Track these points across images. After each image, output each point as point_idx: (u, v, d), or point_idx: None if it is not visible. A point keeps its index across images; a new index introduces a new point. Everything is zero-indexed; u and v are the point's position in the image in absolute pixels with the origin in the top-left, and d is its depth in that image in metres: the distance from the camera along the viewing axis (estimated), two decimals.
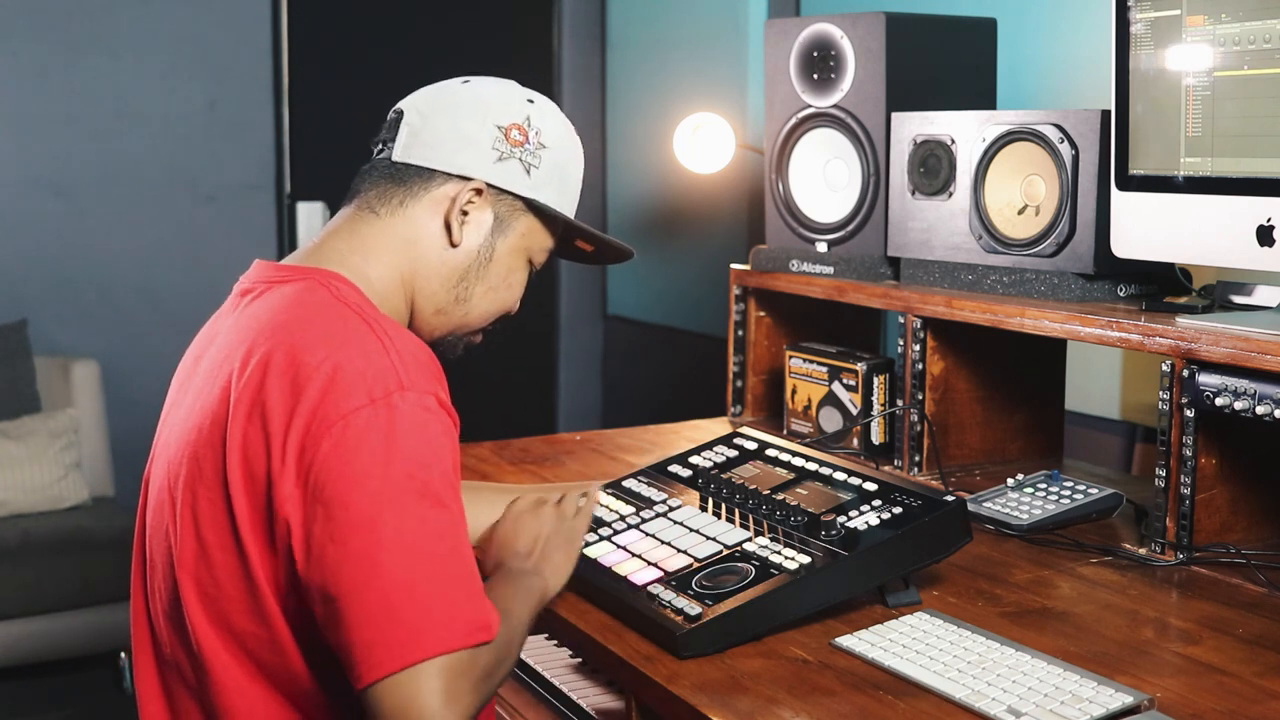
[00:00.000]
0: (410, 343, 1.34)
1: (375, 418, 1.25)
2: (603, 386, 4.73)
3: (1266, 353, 1.65)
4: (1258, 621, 1.59)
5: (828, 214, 2.47)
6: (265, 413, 1.28)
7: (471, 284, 1.50)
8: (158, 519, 1.40)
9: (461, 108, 1.47)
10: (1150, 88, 1.84)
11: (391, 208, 1.46)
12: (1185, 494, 1.79)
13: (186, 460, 1.35)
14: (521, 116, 1.48)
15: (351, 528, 1.24)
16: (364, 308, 1.37)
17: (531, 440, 2.52)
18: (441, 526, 1.26)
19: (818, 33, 2.41)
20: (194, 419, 1.36)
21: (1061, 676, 1.38)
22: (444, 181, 1.46)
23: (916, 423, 2.22)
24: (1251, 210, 1.74)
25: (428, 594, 1.23)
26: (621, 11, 4.40)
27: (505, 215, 1.49)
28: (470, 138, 1.46)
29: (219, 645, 1.33)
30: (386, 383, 1.27)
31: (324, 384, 1.27)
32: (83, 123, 4.17)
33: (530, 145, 1.48)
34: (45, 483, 3.83)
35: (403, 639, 1.22)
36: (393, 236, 1.45)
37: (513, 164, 1.47)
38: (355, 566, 1.23)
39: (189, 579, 1.33)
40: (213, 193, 4.33)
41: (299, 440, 1.25)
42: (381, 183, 1.47)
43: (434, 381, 1.32)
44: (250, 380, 1.30)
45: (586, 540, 1.71)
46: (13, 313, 4.10)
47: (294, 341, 1.30)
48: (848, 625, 1.55)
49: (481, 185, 1.46)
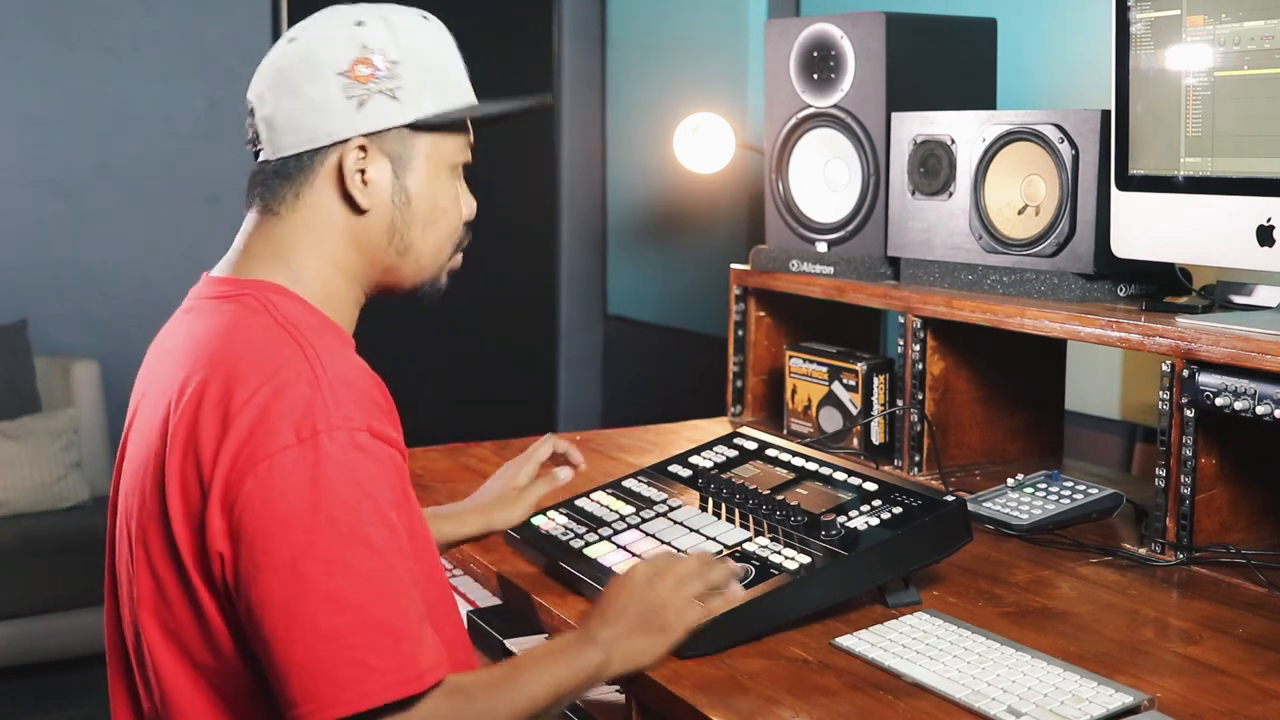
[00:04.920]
0: (346, 370, 1.27)
1: (301, 459, 1.20)
2: (603, 386, 4.73)
3: (1266, 353, 1.65)
4: (1258, 621, 1.59)
5: (828, 214, 2.47)
6: (198, 446, 1.24)
7: (404, 232, 1.39)
8: (121, 548, 1.37)
9: (297, 74, 1.34)
10: (1150, 88, 1.84)
11: (290, 204, 1.37)
12: (1185, 494, 1.79)
13: (136, 495, 1.31)
14: (357, 48, 1.34)
15: (273, 572, 1.19)
16: (302, 328, 1.30)
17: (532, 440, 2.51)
18: (369, 570, 1.21)
19: (818, 33, 2.41)
20: (141, 449, 1.32)
21: (1061, 676, 1.38)
22: (324, 156, 1.35)
23: (916, 423, 2.22)
24: (1251, 210, 1.74)
25: (349, 645, 1.18)
26: (621, 11, 4.40)
27: (399, 152, 1.37)
28: (320, 101, 1.34)
29: (184, 681, 1.29)
30: (314, 420, 1.21)
31: (253, 420, 1.22)
32: (83, 123, 4.17)
33: (382, 72, 1.34)
34: (45, 483, 3.83)
35: (321, 693, 1.17)
36: (305, 231, 1.37)
37: (376, 100, 1.34)
38: (277, 614, 1.19)
39: (148, 614, 1.30)
40: (213, 193, 4.33)
41: (224, 475, 1.21)
42: (269, 182, 1.38)
43: (370, 413, 1.26)
44: (185, 412, 1.26)
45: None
46: (13, 313, 4.10)
47: (227, 371, 1.25)
48: (848, 625, 1.55)
49: (360, 140, 1.35)
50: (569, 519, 1.82)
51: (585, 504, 1.87)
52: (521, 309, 4.67)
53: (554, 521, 1.82)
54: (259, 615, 1.20)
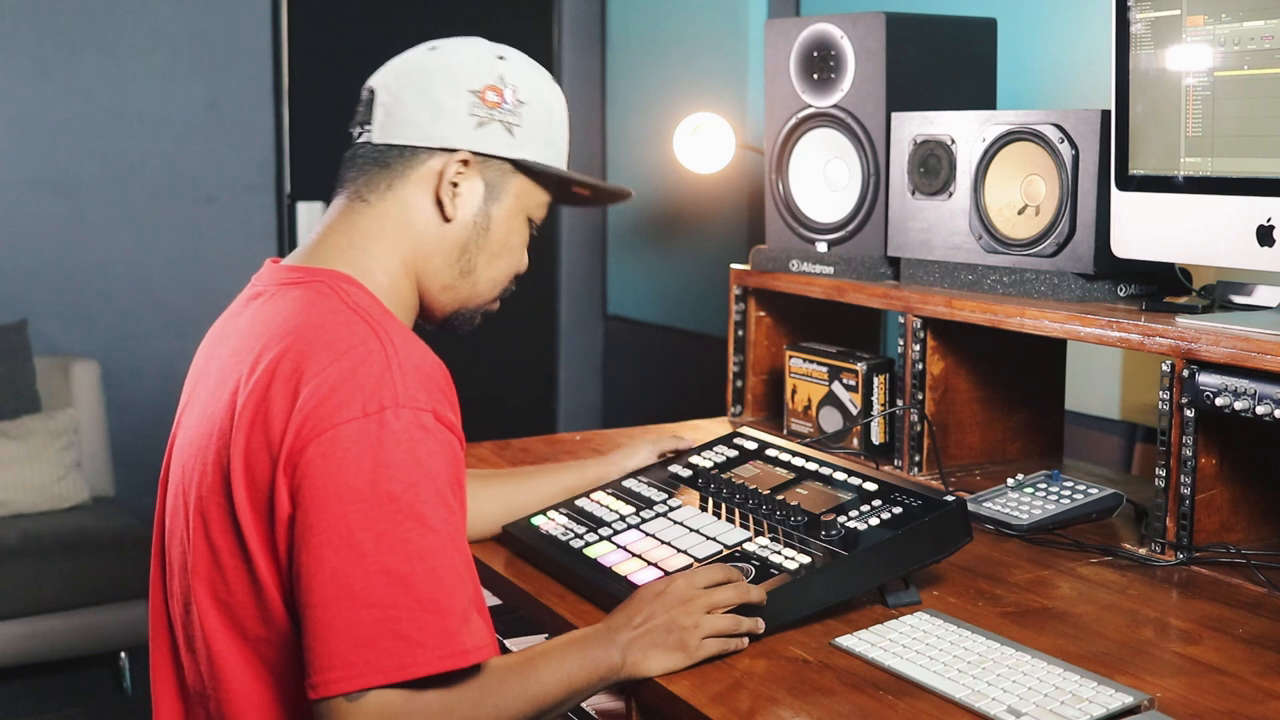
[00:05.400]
0: (417, 355, 1.32)
1: (366, 431, 1.24)
2: (603, 386, 4.73)
3: (1266, 353, 1.65)
4: (1258, 621, 1.59)
5: (828, 214, 2.47)
6: (268, 417, 1.27)
7: (473, 255, 1.47)
8: (175, 523, 1.40)
9: (432, 77, 1.43)
10: (1150, 88, 1.84)
11: (380, 193, 1.43)
12: (1185, 494, 1.79)
13: (197, 467, 1.35)
14: (494, 76, 1.44)
15: (327, 539, 1.23)
16: (373, 313, 1.35)
17: (531, 440, 2.52)
18: (422, 548, 1.24)
19: (818, 33, 2.41)
20: (204, 425, 1.36)
21: (1061, 676, 1.38)
22: (428, 157, 1.43)
23: (916, 423, 2.22)
24: (1251, 210, 1.74)
25: (393, 617, 1.22)
26: (621, 11, 4.41)
27: (496, 180, 1.46)
28: (446, 108, 1.42)
29: (233, 652, 1.33)
30: (382, 397, 1.26)
31: (324, 392, 1.25)
32: (83, 123, 4.17)
33: (508, 104, 1.44)
34: (45, 483, 3.83)
35: (350, 662, 1.21)
36: (387, 222, 1.43)
37: (494, 127, 1.43)
38: (325, 580, 1.22)
39: (203, 584, 1.33)
40: (213, 193, 4.33)
41: (290, 442, 1.25)
42: (366, 168, 1.45)
43: (436, 397, 1.30)
44: (257, 385, 1.29)
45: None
46: (13, 313, 4.10)
47: (301, 348, 1.29)
48: (848, 625, 1.55)
49: (467, 155, 1.43)
50: (569, 519, 1.82)
51: (585, 504, 1.86)
52: (521, 309, 4.66)
53: (554, 521, 1.82)
54: (308, 579, 1.23)
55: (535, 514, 1.84)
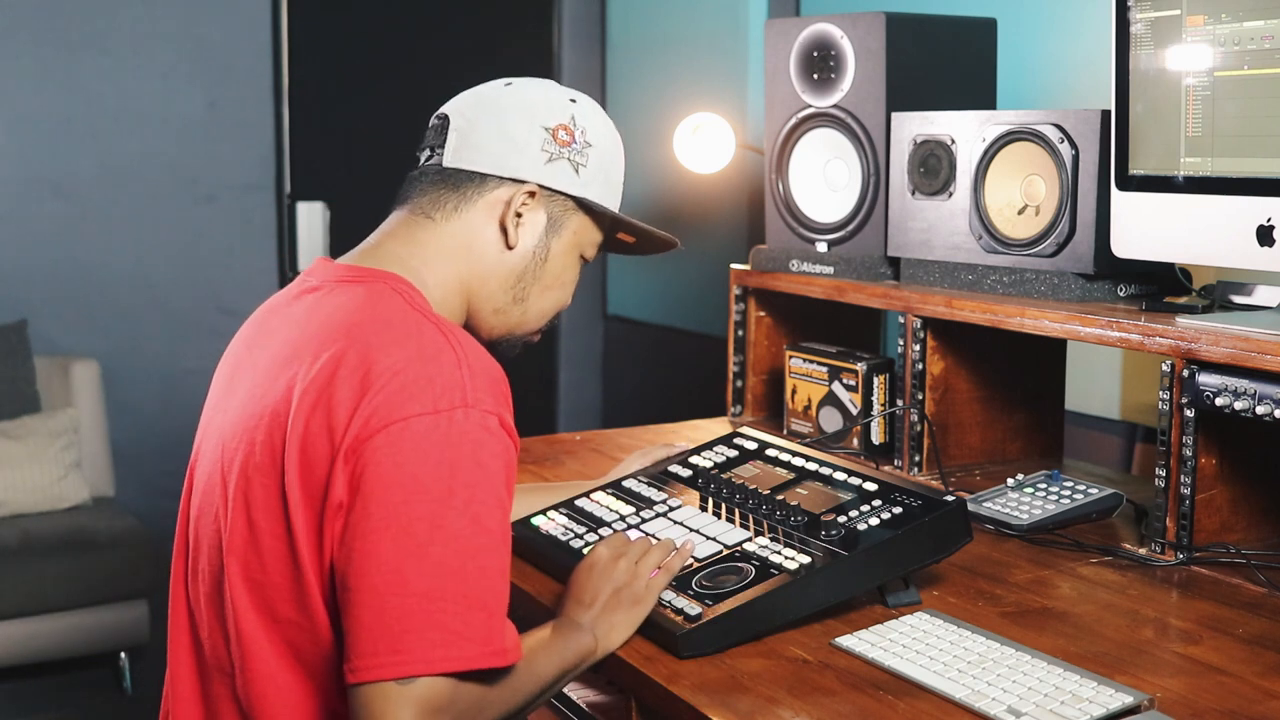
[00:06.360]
0: (485, 360, 1.36)
1: (435, 428, 1.27)
2: (603, 386, 4.73)
3: (1266, 353, 1.65)
4: (1258, 621, 1.59)
5: (828, 214, 2.47)
6: (331, 405, 1.29)
7: (528, 284, 1.53)
8: (207, 503, 1.42)
9: (507, 111, 1.50)
10: (1150, 88, 1.85)
11: (446, 213, 1.49)
12: (1185, 494, 1.79)
13: (243, 446, 1.36)
14: (567, 116, 1.52)
15: (385, 529, 1.25)
16: (439, 317, 1.39)
17: (532, 440, 2.51)
18: (478, 546, 1.27)
19: (818, 33, 2.41)
20: (254, 407, 1.38)
21: (1061, 676, 1.38)
22: (497, 185, 1.49)
23: (916, 423, 2.22)
24: (1251, 210, 1.74)
25: (442, 610, 1.24)
26: (621, 11, 4.41)
27: (558, 215, 1.53)
28: (519, 141, 1.49)
29: (260, 632, 1.34)
30: (453, 396, 1.29)
31: (395, 385, 1.29)
32: (83, 123, 4.17)
33: (577, 144, 1.52)
34: (45, 483, 3.83)
35: (400, 649, 1.23)
36: (450, 241, 1.49)
37: (562, 164, 1.51)
38: (379, 567, 1.25)
39: (236, 563, 1.35)
40: (213, 193, 4.33)
41: (357, 432, 1.27)
42: (434, 188, 1.50)
43: (501, 402, 1.34)
44: (319, 375, 1.32)
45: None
46: (13, 313, 4.10)
47: (369, 343, 1.33)
48: (848, 625, 1.55)
49: (534, 187, 1.49)
50: (569, 519, 1.82)
51: (585, 504, 1.86)
52: None
53: (554, 521, 1.82)
54: (360, 563, 1.25)
55: (535, 514, 1.84)
